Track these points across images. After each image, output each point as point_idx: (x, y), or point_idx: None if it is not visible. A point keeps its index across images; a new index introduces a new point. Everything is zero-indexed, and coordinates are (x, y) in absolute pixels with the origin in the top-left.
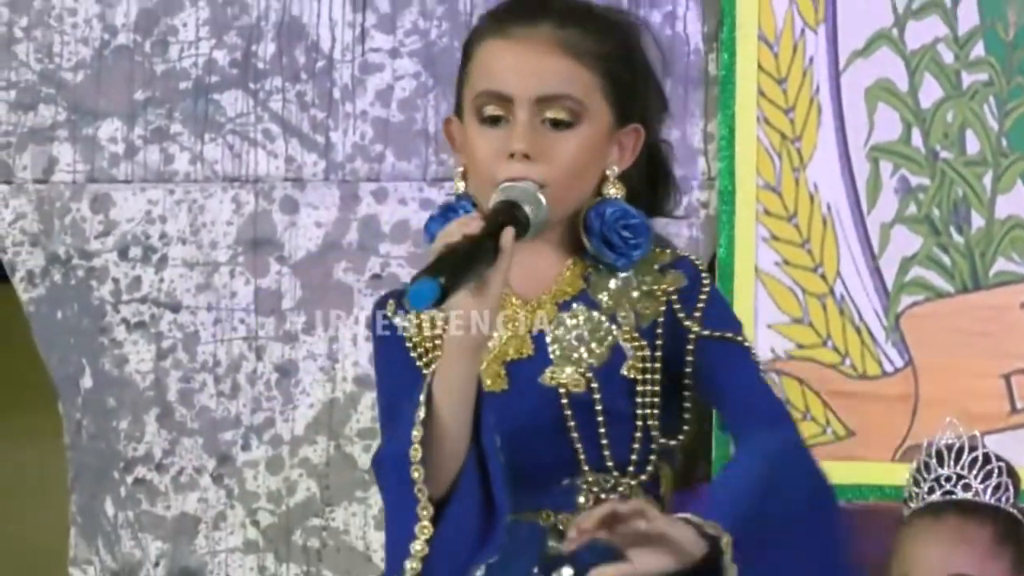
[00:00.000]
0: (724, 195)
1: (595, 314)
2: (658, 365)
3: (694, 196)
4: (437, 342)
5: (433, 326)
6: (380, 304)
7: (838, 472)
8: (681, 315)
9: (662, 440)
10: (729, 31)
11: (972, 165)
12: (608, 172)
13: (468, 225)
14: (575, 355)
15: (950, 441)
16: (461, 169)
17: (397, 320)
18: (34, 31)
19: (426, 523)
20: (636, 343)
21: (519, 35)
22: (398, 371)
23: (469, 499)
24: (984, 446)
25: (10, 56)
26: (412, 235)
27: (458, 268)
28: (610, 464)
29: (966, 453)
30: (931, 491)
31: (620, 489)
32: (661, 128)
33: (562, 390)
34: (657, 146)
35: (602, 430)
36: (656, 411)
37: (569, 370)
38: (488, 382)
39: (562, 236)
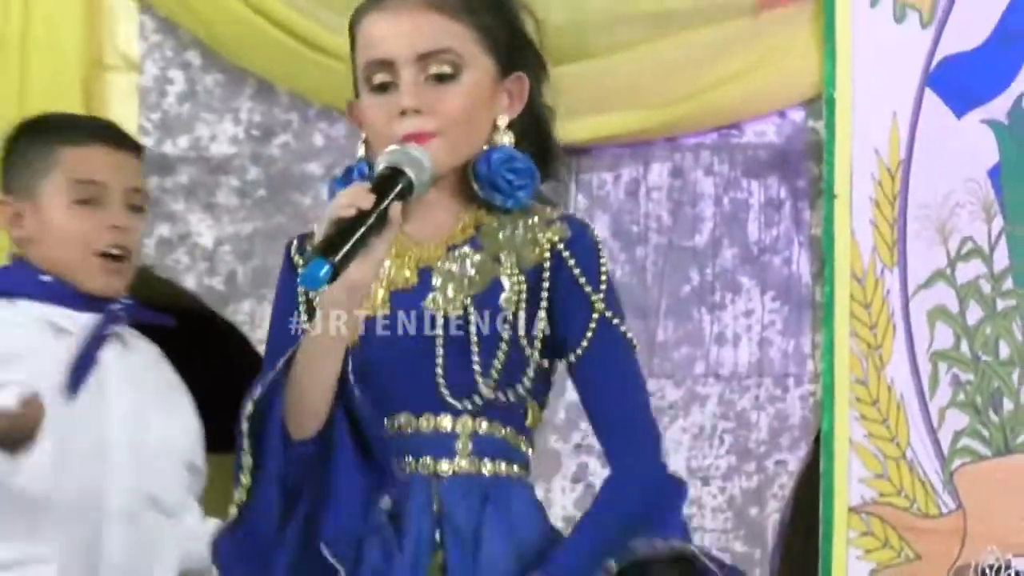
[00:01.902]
0: (826, 388)
1: (479, 255)
2: (541, 303)
3: (806, 388)
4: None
5: None
6: (288, 246)
7: None
8: (573, 268)
9: (530, 372)
10: (829, 270)
11: (1004, 365)
12: (499, 121)
13: (358, 197)
14: (455, 285)
15: (991, 562)
16: (364, 136)
17: (296, 257)
18: None
19: (246, 473)
20: (515, 279)
21: (392, 4)
22: (286, 305)
23: (339, 440)
24: (1013, 566)
25: None
26: None
27: (345, 243)
28: (478, 386)
29: (1002, 569)
30: None
31: (491, 421)
32: (543, 89)
33: (440, 314)
34: (540, 107)
35: (474, 350)
36: (527, 342)
37: (450, 295)
38: (372, 307)
39: (455, 185)
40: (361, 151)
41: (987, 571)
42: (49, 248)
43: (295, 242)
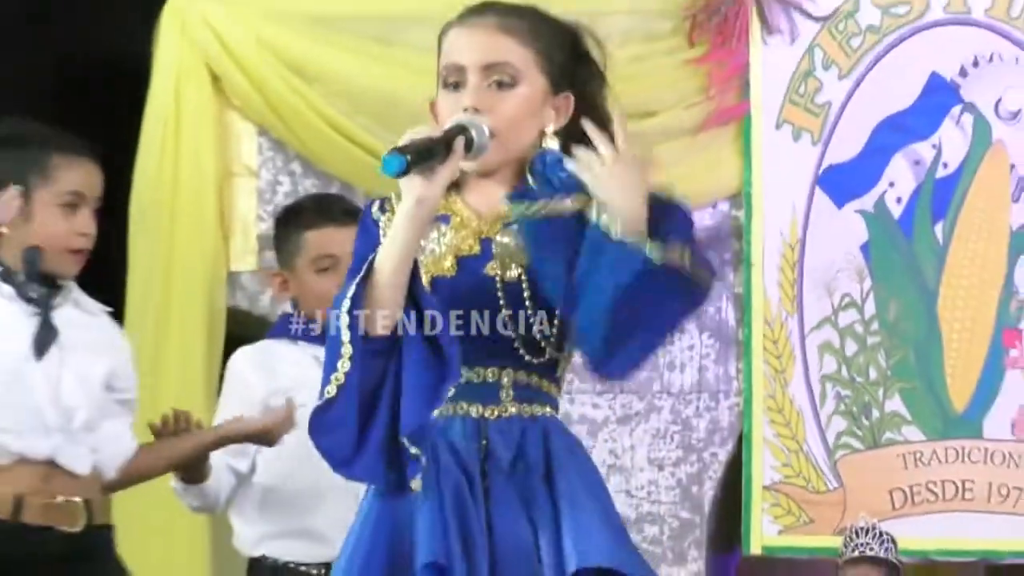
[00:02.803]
0: (746, 401)
1: None
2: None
3: (732, 401)
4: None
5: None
6: (369, 207)
7: (808, 541)
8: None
9: (568, 332)
10: (747, 317)
11: (872, 385)
12: (546, 129)
13: (431, 130)
14: (511, 256)
15: (862, 524)
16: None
17: (376, 213)
18: None
19: (347, 365)
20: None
21: (471, 22)
22: (366, 250)
23: (410, 339)
24: (877, 526)
25: None
26: None
27: (419, 153)
28: (528, 341)
29: (870, 530)
30: (852, 550)
31: (531, 372)
32: (603, 100)
33: (498, 278)
34: (603, 115)
35: (528, 309)
36: (563, 306)
37: (506, 263)
38: (442, 269)
39: (511, 178)
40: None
41: (859, 531)
42: (307, 303)
43: (376, 202)
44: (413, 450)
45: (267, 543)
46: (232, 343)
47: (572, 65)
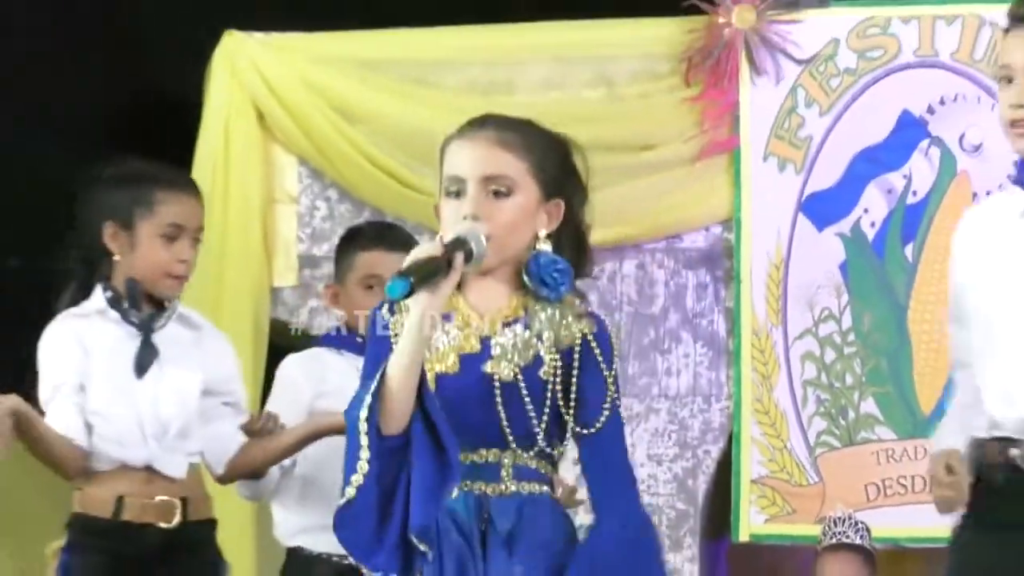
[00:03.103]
0: (736, 404)
1: (527, 332)
2: (571, 376)
3: (723, 404)
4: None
5: (401, 326)
6: (378, 308)
7: (791, 530)
8: (598, 355)
9: (566, 426)
10: (737, 328)
11: (849, 389)
12: (539, 233)
13: (432, 248)
14: (509, 356)
15: (839, 515)
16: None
17: (386, 316)
18: None
19: (364, 462)
20: (552, 356)
21: (471, 135)
22: (378, 350)
23: (417, 441)
24: (853, 516)
25: None
26: None
27: (422, 274)
28: (522, 434)
29: (847, 520)
30: (830, 538)
31: (528, 455)
32: (583, 212)
33: (496, 377)
34: (581, 225)
35: (529, 408)
36: (559, 404)
37: (503, 364)
38: (445, 366)
39: (509, 276)
40: (438, 240)
41: (837, 520)
42: (352, 317)
43: (384, 305)
44: (422, 547)
45: (303, 535)
46: (273, 351)
47: (562, 176)
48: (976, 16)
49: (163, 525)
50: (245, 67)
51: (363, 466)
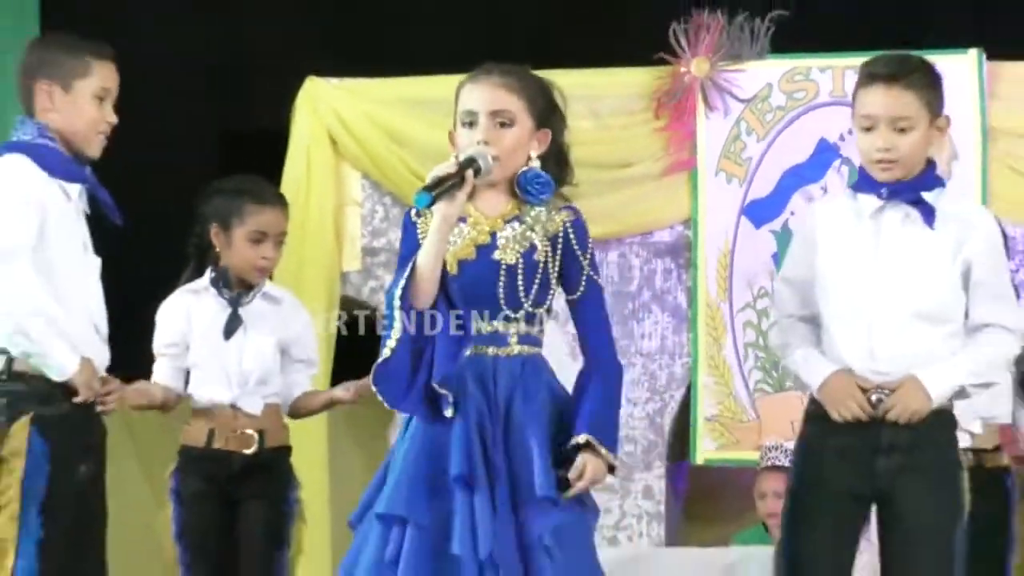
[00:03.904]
0: (694, 360)
1: (522, 227)
2: (556, 258)
3: (684, 360)
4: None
5: (427, 225)
6: (408, 213)
7: (736, 455)
8: (573, 241)
9: (551, 295)
10: (694, 303)
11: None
12: (532, 154)
13: (448, 166)
14: (511, 245)
15: (772, 443)
16: (455, 151)
17: (414, 218)
18: None
19: (399, 333)
20: (543, 242)
21: (482, 79)
22: (409, 245)
23: (440, 312)
24: (783, 444)
25: None
26: None
27: (440, 187)
28: (519, 303)
29: (778, 448)
30: (765, 461)
31: (526, 324)
32: (563, 137)
33: (503, 262)
34: (563, 147)
35: (520, 283)
36: (554, 279)
37: (508, 252)
38: (464, 255)
39: (508, 187)
40: (452, 157)
41: (771, 448)
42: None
43: (412, 211)
44: (442, 391)
45: None
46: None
47: (548, 110)
48: None
49: (245, 451)
50: (322, 105)
51: (397, 333)
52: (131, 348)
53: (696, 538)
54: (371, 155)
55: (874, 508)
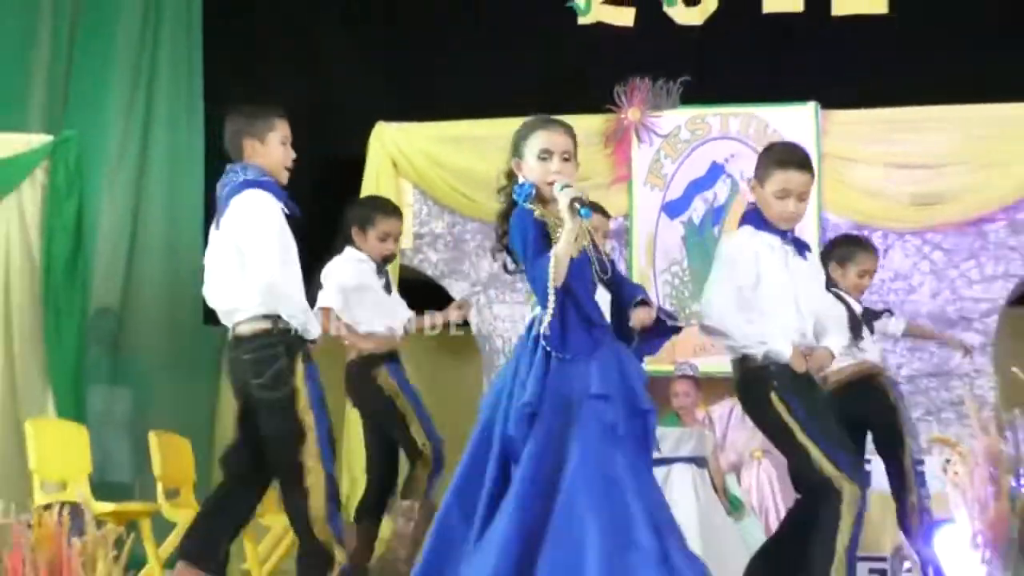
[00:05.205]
0: None
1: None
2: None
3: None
4: (558, 230)
5: (547, 222)
6: (526, 209)
7: (659, 368)
8: (600, 244)
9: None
10: (631, 272)
11: (686, 300)
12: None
13: (576, 193)
14: (594, 251)
15: (681, 360)
16: (521, 175)
17: (535, 213)
18: None
19: (553, 296)
20: (604, 249)
21: (554, 128)
22: (538, 229)
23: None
24: (689, 361)
25: None
26: None
27: (591, 207)
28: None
29: (686, 363)
30: (677, 372)
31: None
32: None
33: (595, 266)
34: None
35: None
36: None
37: (595, 257)
38: (573, 254)
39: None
40: (521, 179)
41: (680, 363)
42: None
43: (528, 208)
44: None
45: None
46: (401, 282)
47: (576, 150)
48: (749, 114)
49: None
50: (387, 141)
51: (552, 298)
52: None
53: None
54: (419, 173)
55: None
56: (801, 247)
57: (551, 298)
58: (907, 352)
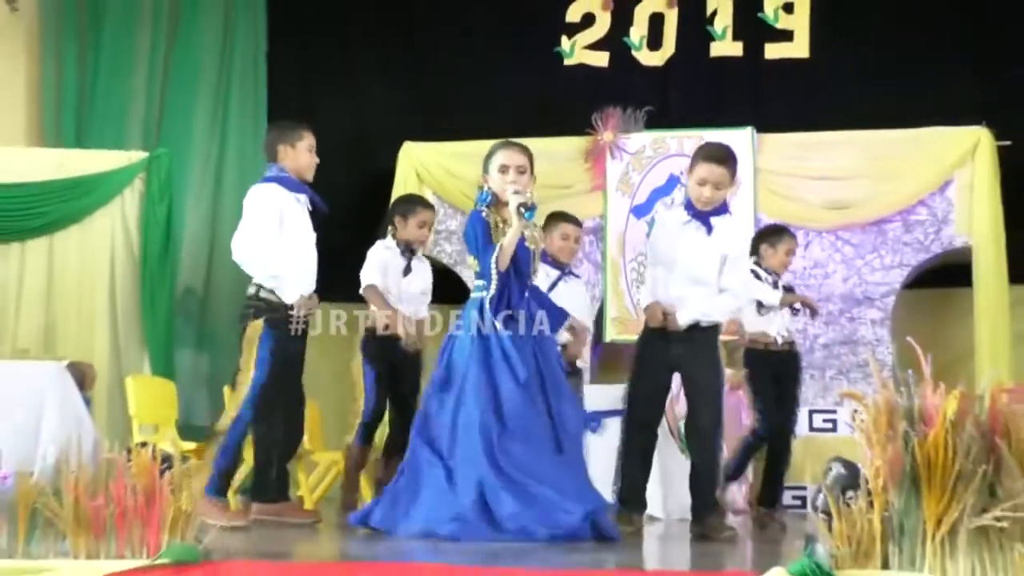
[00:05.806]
0: (604, 288)
1: (533, 233)
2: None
3: (599, 289)
4: (503, 227)
5: (490, 222)
6: (480, 213)
7: (627, 338)
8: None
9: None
10: (604, 260)
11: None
12: (530, 190)
13: (524, 199)
14: (533, 243)
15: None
16: (487, 185)
17: (484, 215)
18: None
19: (495, 279)
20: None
21: (512, 148)
22: (486, 229)
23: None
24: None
25: None
26: None
27: (528, 210)
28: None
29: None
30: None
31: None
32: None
33: (534, 249)
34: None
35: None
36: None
37: (533, 246)
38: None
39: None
40: (485, 188)
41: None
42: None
43: (480, 211)
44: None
45: None
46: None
47: (532, 165)
48: (700, 136)
49: (408, 342)
50: (412, 156)
51: (494, 285)
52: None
53: (605, 380)
54: (438, 183)
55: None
56: (709, 225)
57: (494, 278)
58: (823, 325)
